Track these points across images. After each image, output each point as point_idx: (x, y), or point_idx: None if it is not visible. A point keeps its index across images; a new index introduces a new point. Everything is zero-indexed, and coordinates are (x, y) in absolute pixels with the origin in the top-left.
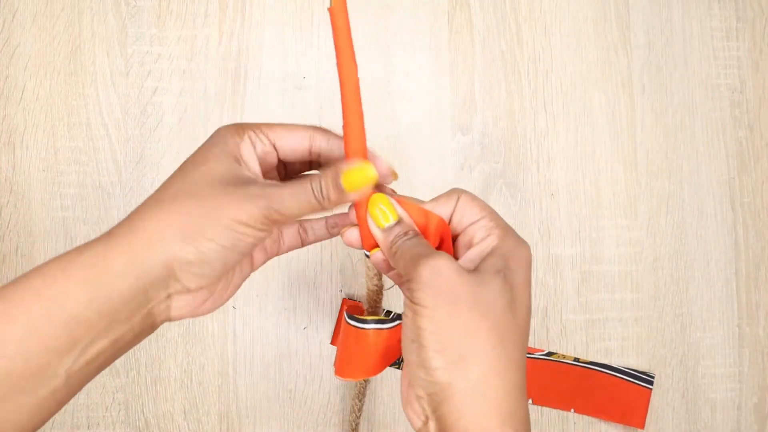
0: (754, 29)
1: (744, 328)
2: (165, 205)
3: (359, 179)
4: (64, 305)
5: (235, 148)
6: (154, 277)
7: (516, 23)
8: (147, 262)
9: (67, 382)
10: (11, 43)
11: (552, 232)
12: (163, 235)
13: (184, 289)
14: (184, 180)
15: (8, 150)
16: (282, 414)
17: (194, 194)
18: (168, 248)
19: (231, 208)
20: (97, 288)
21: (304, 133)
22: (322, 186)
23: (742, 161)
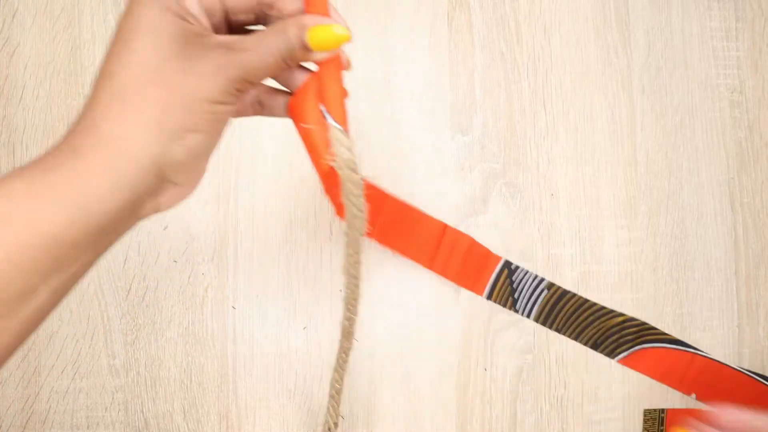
0: (753, 29)
1: (744, 328)
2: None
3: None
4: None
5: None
6: (144, 188)
7: (516, 23)
8: (134, 177)
9: (51, 297)
10: (11, 43)
11: (552, 232)
12: (144, 140)
13: (172, 185)
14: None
15: (8, 150)
16: (282, 414)
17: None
18: (154, 155)
19: (204, 89)
20: (79, 211)
21: None
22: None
23: (742, 161)
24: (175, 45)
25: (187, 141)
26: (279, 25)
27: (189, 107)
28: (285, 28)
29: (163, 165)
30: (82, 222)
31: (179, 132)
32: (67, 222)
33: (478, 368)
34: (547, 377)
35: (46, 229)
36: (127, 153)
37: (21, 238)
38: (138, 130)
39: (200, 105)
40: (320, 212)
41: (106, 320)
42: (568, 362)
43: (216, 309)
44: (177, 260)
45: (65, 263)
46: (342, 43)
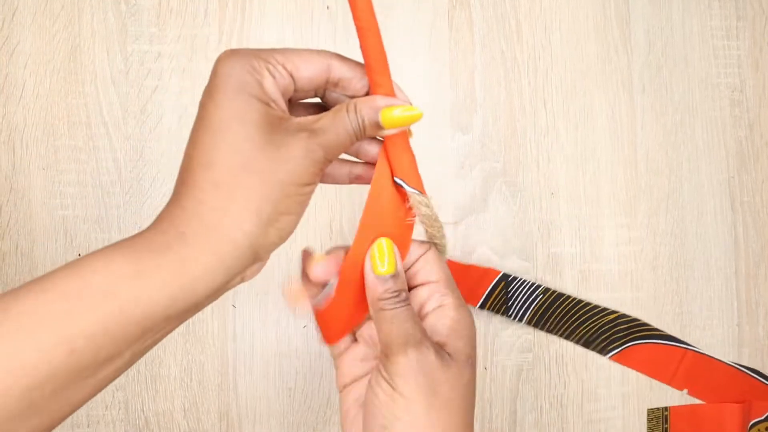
0: (754, 28)
1: (744, 327)
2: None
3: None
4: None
5: (259, 87)
6: (240, 269)
7: (516, 21)
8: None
9: (131, 359)
10: (11, 41)
11: (552, 231)
12: (243, 226)
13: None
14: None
15: (8, 149)
16: (282, 412)
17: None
18: (252, 239)
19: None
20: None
21: (322, 60)
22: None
23: (742, 160)
24: (263, 132)
25: (281, 224)
26: (351, 105)
27: (283, 192)
28: (359, 109)
29: (258, 247)
30: (181, 301)
31: (275, 216)
32: (168, 301)
33: (478, 367)
34: (547, 376)
35: (146, 307)
36: (228, 239)
37: (122, 314)
38: (239, 218)
39: (293, 189)
40: (320, 212)
41: None
42: (567, 361)
43: (216, 307)
44: None
45: (154, 333)
46: (415, 121)
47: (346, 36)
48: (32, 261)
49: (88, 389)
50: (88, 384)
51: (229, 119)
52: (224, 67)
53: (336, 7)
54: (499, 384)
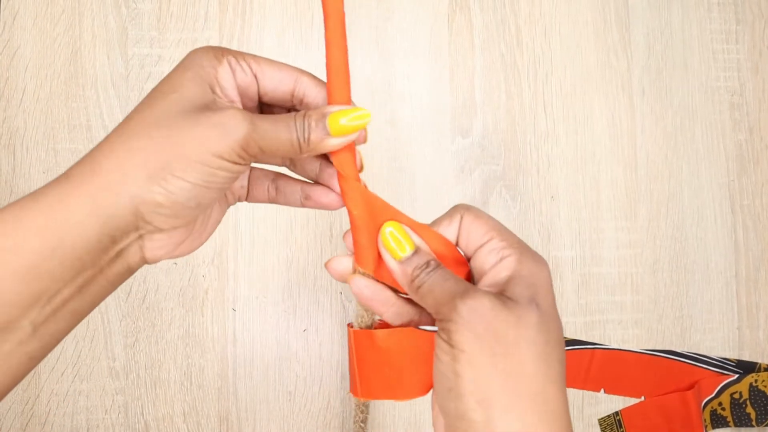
0: (753, 32)
1: (744, 331)
2: (127, 139)
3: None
4: (21, 256)
5: (211, 72)
6: (121, 222)
7: (516, 26)
8: (111, 207)
9: (36, 333)
10: (12, 45)
11: (552, 234)
12: (126, 174)
13: (156, 230)
14: (150, 109)
15: (8, 152)
16: (282, 416)
17: (160, 125)
18: (132, 190)
19: (203, 139)
20: (58, 237)
21: (291, 72)
22: (305, 123)
23: (742, 164)
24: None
25: (170, 185)
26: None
27: (181, 152)
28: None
29: (139, 202)
30: (60, 250)
31: (162, 174)
32: (48, 250)
33: None
34: None
35: (27, 257)
36: (107, 185)
37: (5, 266)
38: (125, 165)
39: (194, 153)
40: (320, 214)
41: (106, 322)
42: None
43: (216, 311)
44: (177, 262)
45: (46, 296)
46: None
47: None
48: None
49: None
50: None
51: (167, 89)
52: (191, 53)
53: None
54: None
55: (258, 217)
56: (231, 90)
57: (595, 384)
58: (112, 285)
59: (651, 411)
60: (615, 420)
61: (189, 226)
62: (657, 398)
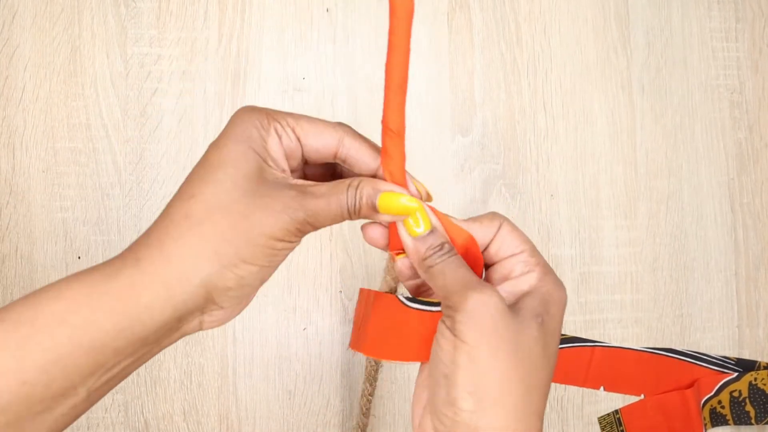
0: (753, 30)
1: (744, 330)
2: (195, 223)
3: (396, 207)
4: (91, 334)
5: (261, 143)
6: (191, 307)
7: (516, 24)
8: (183, 294)
9: (88, 398)
10: (11, 44)
11: (551, 232)
12: (199, 262)
13: (218, 308)
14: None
15: (8, 151)
16: (282, 415)
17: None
18: (205, 277)
19: (267, 225)
20: (128, 320)
21: (334, 134)
22: (356, 199)
23: (742, 162)
24: (252, 181)
25: (240, 270)
26: (355, 180)
27: (248, 239)
28: (359, 186)
29: (212, 288)
30: (129, 331)
31: (233, 260)
32: (116, 331)
33: None
34: None
35: (96, 336)
36: (181, 271)
37: (73, 341)
38: (197, 253)
39: (261, 239)
40: None
41: None
42: None
43: None
44: None
45: (105, 368)
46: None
47: (346, 38)
48: (32, 263)
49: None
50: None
51: (223, 162)
52: (236, 118)
53: (336, 10)
54: None
55: None
56: (280, 159)
57: (595, 381)
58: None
59: (650, 409)
60: (615, 419)
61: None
62: (656, 396)
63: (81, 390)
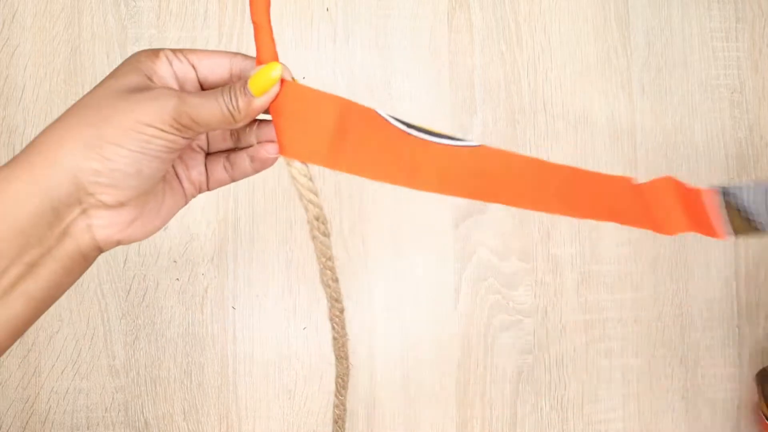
0: (753, 30)
1: (744, 329)
2: (65, 119)
3: (266, 80)
4: None
5: (148, 64)
6: (61, 192)
7: (515, 23)
8: (49, 177)
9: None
10: (11, 43)
11: (552, 232)
12: (63, 147)
13: (101, 204)
14: (89, 95)
15: (8, 150)
16: (281, 414)
17: (95, 104)
18: (69, 159)
19: (134, 110)
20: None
21: (225, 55)
22: (231, 92)
23: (742, 162)
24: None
25: (105, 151)
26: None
27: (113, 121)
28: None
29: (77, 170)
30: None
31: (97, 141)
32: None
33: (478, 369)
34: (547, 378)
35: None
36: (46, 158)
37: None
38: (62, 140)
39: (125, 121)
40: None
41: (106, 321)
42: (568, 363)
43: (216, 309)
44: (177, 260)
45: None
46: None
47: (346, 37)
48: None
49: None
50: None
51: (107, 79)
52: (133, 54)
53: (335, 9)
54: (500, 385)
55: (257, 216)
56: (169, 79)
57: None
58: (64, 269)
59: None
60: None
61: (137, 204)
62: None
63: None
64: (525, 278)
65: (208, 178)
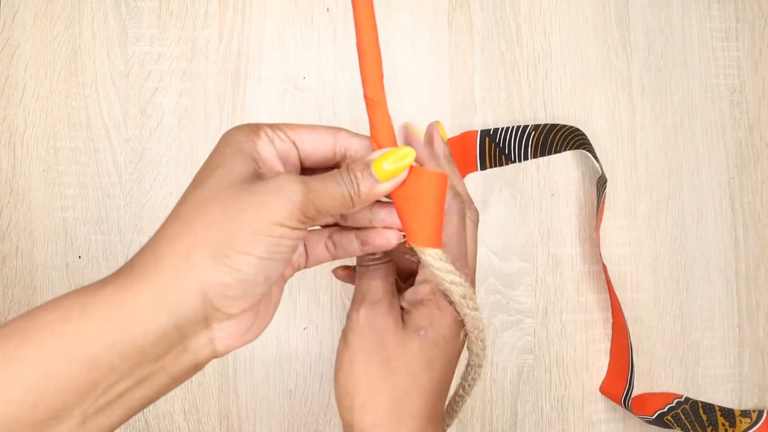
0: (753, 30)
1: (744, 329)
2: (185, 220)
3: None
4: (83, 345)
5: (251, 146)
6: (188, 311)
7: (516, 23)
8: (177, 295)
9: (84, 424)
10: (11, 43)
11: (552, 232)
12: (190, 258)
13: (225, 316)
14: (200, 189)
15: (8, 150)
16: (282, 414)
17: (215, 201)
18: (199, 274)
19: (261, 207)
20: (121, 328)
21: (328, 132)
22: (351, 176)
23: (742, 162)
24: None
25: (235, 262)
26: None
27: (242, 228)
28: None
29: (207, 287)
30: (123, 342)
31: (227, 251)
32: (110, 341)
33: None
34: (548, 378)
35: (89, 346)
36: (172, 271)
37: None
38: (188, 248)
39: (256, 227)
40: None
41: None
42: (568, 362)
43: None
44: None
45: (102, 387)
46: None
47: (346, 38)
48: (32, 263)
49: None
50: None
51: (212, 167)
52: (227, 132)
53: (336, 9)
54: (500, 385)
55: None
56: (273, 160)
57: None
58: (174, 381)
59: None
60: None
61: (256, 308)
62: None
63: (75, 413)
64: (525, 278)
65: (307, 258)
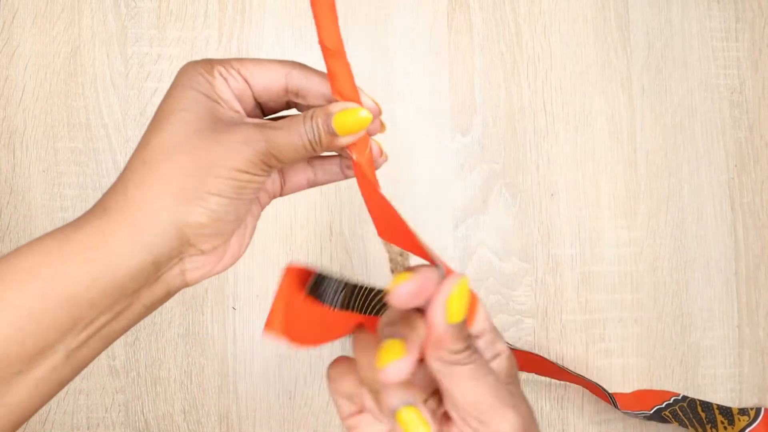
0: (753, 30)
1: (744, 329)
2: (155, 166)
3: (352, 122)
4: (63, 285)
5: (208, 86)
6: (165, 249)
7: (515, 24)
8: (155, 235)
9: (68, 359)
10: (11, 44)
11: (552, 232)
12: (164, 202)
13: (198, 252)
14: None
15: (8, 151)
16: (282, 415)
17: (183, 149)
18: (174, 215)
19: (228, 158)
20: (101, 268)
21: (280, 68)
22: (314, 128)
23: (742, 161)
24: (206, 122)
25: (209, 203)
26: (308, 112)
27: (211, 171)
28: (314, 115)
29: (183, 225)
30: (103, 280)
31: (200, 193)
32: (90, 280)
33: None
34: (548, 377)
35: (68, 287)
36: (149, 213)
37: (45, 294)
38: (161, 193)
39: (224, 171)
40: (320, 213)
41: None
42: (568, 363)
43: (216, 310)
44: None
45: (83, 323)
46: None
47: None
48: None
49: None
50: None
51: (174, 109)
52: (180, 72)
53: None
54: None
55: None
56: (231, 100)
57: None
58: (148, 309)
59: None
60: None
61: (227, 242)
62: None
63: (59, 348)
64: (525, 278)
65: (282, 186)
